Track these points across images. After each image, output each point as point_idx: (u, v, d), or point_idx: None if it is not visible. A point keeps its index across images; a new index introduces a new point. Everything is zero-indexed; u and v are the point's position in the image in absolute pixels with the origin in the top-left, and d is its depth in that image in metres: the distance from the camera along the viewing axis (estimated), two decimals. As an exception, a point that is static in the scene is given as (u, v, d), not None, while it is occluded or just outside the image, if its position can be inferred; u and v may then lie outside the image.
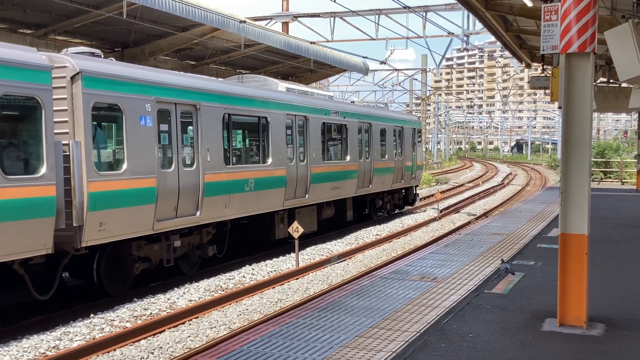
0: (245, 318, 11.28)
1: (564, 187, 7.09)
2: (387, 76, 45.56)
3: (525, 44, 24.93)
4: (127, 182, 11.51)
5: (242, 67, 27.96)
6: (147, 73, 12.46)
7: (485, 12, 18.12)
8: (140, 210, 11.79)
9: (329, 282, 14.13)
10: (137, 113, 11.74)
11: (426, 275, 10.08)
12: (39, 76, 9.78)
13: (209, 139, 13.63)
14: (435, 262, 11.16)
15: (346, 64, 29.83)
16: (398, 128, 25.22)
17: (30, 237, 9.64)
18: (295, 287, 13.52)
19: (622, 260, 11.30)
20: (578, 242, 7.01)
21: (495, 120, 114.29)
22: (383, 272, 10.39)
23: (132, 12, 17.88)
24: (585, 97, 6.97)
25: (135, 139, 11.66)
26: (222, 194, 14.12)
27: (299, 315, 7.73)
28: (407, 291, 8.98)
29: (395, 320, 7.46)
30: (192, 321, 11.02)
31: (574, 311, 7.04)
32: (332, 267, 15.74)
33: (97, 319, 10.79)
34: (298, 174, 17.52)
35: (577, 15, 6.88)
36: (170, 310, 11.70)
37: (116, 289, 12.14)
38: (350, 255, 17.23)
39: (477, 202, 32.23)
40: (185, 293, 12.75)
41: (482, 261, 11.25)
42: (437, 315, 7.63)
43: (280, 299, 12.54)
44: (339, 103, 22.94)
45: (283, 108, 16.91)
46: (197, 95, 13.41)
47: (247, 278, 14.32)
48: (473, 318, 7.52)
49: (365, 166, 21.89)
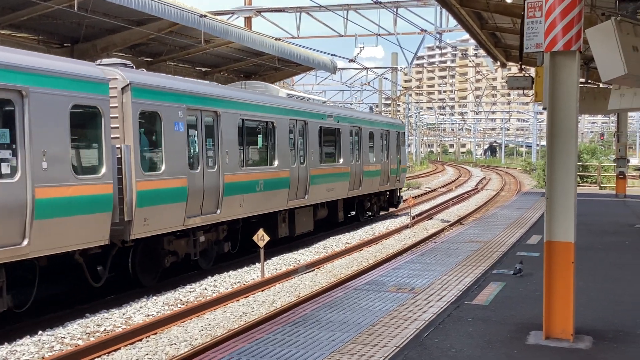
0: (208, 334, 11.15)
1: (549, 192, 7.13)
2: (356, 75, 45.67)
3: (500, 43, 25.18)
4: (165, 181, 13.48)
5: (202, 64, 27.75)
6: (180, 83, 14.77)
7: (460, 9, 18.24)
8: (174, 208, 13.77)
9: (297, 293, 14.05)
10: (173, 120, 13.78)
11: (403, 286, 10.08)
12: (99, 88, 11.77)
13: (227, 143, 15.69)
14: (412, 272, 11.17)
15: (313, 62, 29.80)
16: (384, 132, 27.24)
17: (92, 230, 11.60)
18: (261, 299, 13.42)
19: (604, 269, 11.46)
20: (564, 251, 7.05)
21: (468, 122, 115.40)
22: (357, 283, 10.37)
23: (84, 4, 17.60)
24: (571, 98, 7.03)
25: (170, 143, 13.68)
26: (238, 193, 16.13)
27: (268, 330, 7.64)
28: (384, 303, 8.95)
29: (373, 334, 7.42)
30: (149, 338, 10.84)
31: (561, 323, 7.08)
32: (300, 277, 15.67)
33: (46, 336, 10.57)
34: (299, 176, 19.45)
35: (562, 12, 6.94)
36: (125, 326, 11.50)
37: (148, 281, 13.89)
38: (318, 265, 17.16)
39: (450, 207, 32.46)
40: (142, 307, 12.56)
41: (461, 270, 11.29)
42: (416, 329, 7.61)
43: (245, 313, 12.43)
44: (333, 108, 25.28)
45: (287, 113, 18.91)
46: (218, 102, 15.46)
47: (210, 290, 14.16)
48: (454, 331, 7.52)
49: (356, 169, 23.87)
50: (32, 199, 10.36)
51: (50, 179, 10.74)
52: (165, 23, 20.69)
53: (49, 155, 10.72)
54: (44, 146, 10.64)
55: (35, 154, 10.45)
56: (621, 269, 11.51)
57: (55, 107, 10.94)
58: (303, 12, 28.78)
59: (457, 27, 27.93)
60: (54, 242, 10.95)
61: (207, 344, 10.15)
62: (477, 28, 21.09)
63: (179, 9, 20.12)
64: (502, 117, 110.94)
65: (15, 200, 10.17)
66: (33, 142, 10.45)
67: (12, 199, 10.11)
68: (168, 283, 14.56)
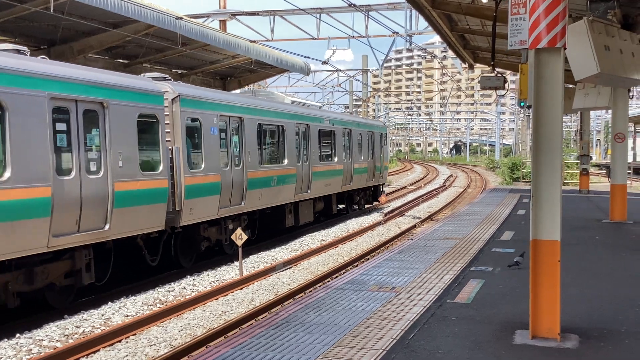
0: (188, 333, 10.72)
1: (534, 191, 6.78)
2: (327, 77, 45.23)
3: (469, 44, 24.99)
4: (204, 177, 15.27)
5: (178, 66, 27.17)
6: (213, 94, 16.82)
7: (432, 11, 17.97)
8: (210, 200, 15.54)
9: (275, 291, 13.67)
10: (209, 125, 15.58)
11: (384, 284, 9.69)
12: (157, 99, 13.68)
13: (249, 144, 17.53)
14: (392, 270, 10.79)
15: (287, 64, 29.38)
16: (370, 133, 29.17)
17: (153, 217, 13.46)
18: (240, 297, 13.01)
19: (579, 264, 11.16)
20: (550, 249, 6.72)
21: (435, 122, 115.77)
22: (338, 282, 9.95)
23: (60, 6, 17.01)
24: (556, 95, 6.70)
25: (208, 144, 15.49)
26: (257, 188, 17.91)
27: (252, 334, 7.19)
28: (366, 303, 8.55)
29: (358, 336, 7.02)
30: (129, 339, 10.41)
31: (547, 322, 6.74)
32: (277, 275, 15.30)
33: (24, 339, 10.07)
34: (303, 173, 21.27)
35: (546, 8, 6.60)
36: (105, 327, 11.05)
37: (186, 262, 15.57)
38: (295, 262, 16.83)
39: (421, 204, 32.25)
40: (120, 308, 12.08)
41: (439, 268, 10.95)
42: (401, 330, 7.21)
43: (224, 311, 12.01)
44: (328, 112, 28.07)
45: (293, 118, 20.80)
46: (242, 110, 17.35)
47: (188, 289, 13.72)
48: (440, 332, 7.14)
49: (348, 166, 25.76)
50: (112, 191, 12.20)
51: (124, 175, 12.59)
52: (142, 25, 20.12)
53: (123, 155, 12.56)
54: (120, 148, 12.47)
55: (114, 154, 12.29)
56: (595, 264, 11.25)
57: (127, 116, 12.78)
58: (277, 16, 28.27)
59: (426, 29, 27.71)
60: (127, 227, 12.79)
61: (187, 344, 9.69)
62: (447, 30, 20.85)
63: (155, 11, 19.57)
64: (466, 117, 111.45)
65: (101, 192, 11.99)
66: (112, 145, 12.27)
67: (98, 191, 11.93)
68: (147, 282, 14.06)
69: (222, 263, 16.42)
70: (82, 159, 11.59)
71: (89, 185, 11.67)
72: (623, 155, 17.02)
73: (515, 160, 43.39)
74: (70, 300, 12.11)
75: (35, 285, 11.10)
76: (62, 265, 11.65)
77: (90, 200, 11.65)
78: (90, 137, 11.98)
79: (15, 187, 10.15)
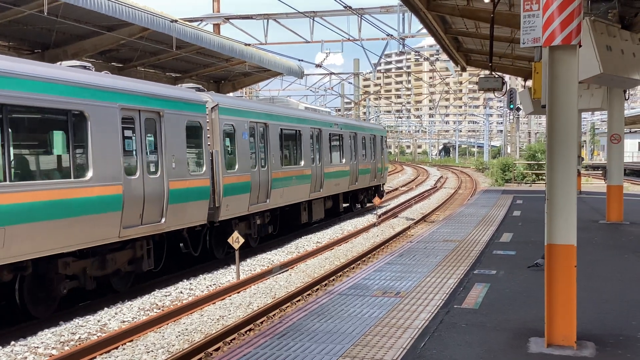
0: (186, 339, 10.31)
1: (549, 194, 6.40)
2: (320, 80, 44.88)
3: (462, 47, 24.71)
4: (238, 177, 16.64)
5: (173, 69, 26.72)
6: (245, 103, 18.77)
7: (427, 13, 17.64)
8: (242, 198, 16.93)
9: (272, 294, 13.28)
10: (241, 130, 16.92)
11: (388, 289, 9.29)
12: (200, 108, 15.12)
13: (273, 148, 18.91)
14: (394, 275, 10.39)
15: (281, 67, 28.99)
16: (372, 136, 30.41)
17: (198, 212, 14.84)
18: (238, 301, 12.61)
19: (586, 267, 10.76)
20: (566, 254, 6.35)
21: (424, 124, 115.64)
22: (341, 287, 9.53)
23: (54, 10, 16.56)
24: (572, 95, 6.33)
25: (240, 148, 16.88)
26: (279, 187, 19.22)
27: (256, 344, 6.77)
28: (372, 309, 8.15)
29: (367, 345, 6.61)
30: (126, 345, 9.99)
31: (563, 330, 6.36)
32: (274, 278, 14.90)
33: (18, 346, 9.63)
34: (317, 173, 22.58)
35: (560, 5, 6.23)
36: (101, 333, 10.61)
37: (219, 254, 16.68)
38: (292, 265, 16.43)
39: (413, 206, 31.92)
40: (117, 313, 11.65)
41: (442, 271, 10.56)
42: (411, 338, 6.81)
43: (222, 316, 11.61)
44: (337, 117, 29.55)
45: (308, 123, 22.14)
46: (267, 117, 18.76)
47: (185, 294, 13.29)
48: (451, 340, 6.74)
49: (354, 167, 26.99)
50: (168, 189, 13.55)
51: (177, 175, 13.92)
52: (136, 28, 19.69)
53: (175, 158, 13.94)
54: (173, 151, 13.84)
55: (168, 157, 13.63)
56: (600, 266, 10.89)
57: (178, 123, 14.14)
58: (270, 19, 27.83)
59: (419, 32, 27.40)
60: (178, 220, 14.15)
61: (185, 351, 9.28)
62: (441, 32, 20.54)
63: (149, 14, 19.15)
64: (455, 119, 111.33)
65: (158, 190, 13.29)
66: (167, 149, 13.61)
67: (157, 190, 13.25)
68: (144, 287, 13.63)
69: (218, 266, 16.01)
70: (144, 161, 12.98)
71: (150, 184, 13.11)
72: (619, 156, 16.73)
73: (506, 162, 43.10)
74: (129, 285, 13.47)
75: (106, 271, 12.52)
76: (127, 254, 13.09)
77: (150, 197, 13.11)
78: (149, 142, 13.39)
79: (96, 185, 11.62)
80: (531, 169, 39.42)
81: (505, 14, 16.31)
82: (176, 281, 14.23)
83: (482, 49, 23.75)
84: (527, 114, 25.58)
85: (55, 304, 11.46)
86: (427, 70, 76.88)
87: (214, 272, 15.38)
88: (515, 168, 40.28)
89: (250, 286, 14.01)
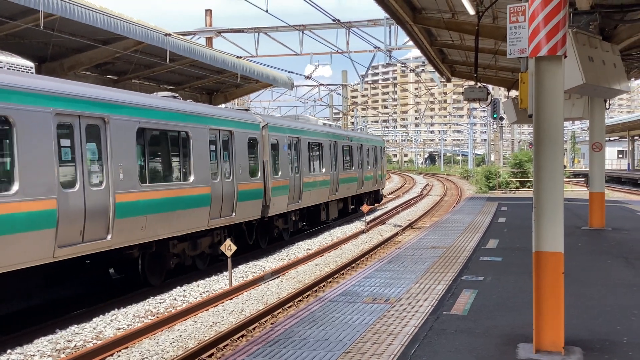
0: (180, 346, 10.12)
1: (536, 202, 6.30)
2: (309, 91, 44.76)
3: (447, 59, 24.70)
4: (280, 181, 19.80)
5: (167, 82, 26.55)
6: (285, 122, 22.21)
7: (413, 25, 17.59)
8: (283, 198, 20.01)
9: (264, 301, 13.14)
10: (282, 144, 20.27)
11: (378, 296, 9.15)
12: (257, 127, 18.59)
13: (303, 158, 22.11)
14: (383, 281, 10.25)
15: (272, 79, 28.89)
16: (373, 147, 33.71)
17: (255, 209, 18.07)
18: (231, 308, 12.45)
19: (571, 272, 10.59)
20: (554, 261, 6.23)
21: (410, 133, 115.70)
22: (332, 294, 9.38)
23: (50, 23, 16.37)
24: (558, 104, 6.24)
25: (282, 157, 20.12)
26: (308, 190, 22.37)
27: (248, 351, 6.62)
28: (362, 316, 8.01)
29: (358, 353, 6.47)
30: (121, 352, 9.81)
31: (551, 335, 6.25)
32: (266, 284, 14.75)
33: (15, 354, 9.44)
34: (334, 179, 25.67)
35: (545, 17, 6.14)
36: (96, 340, 10.44)
37: (263, 243, 19.70)
38: (283, 271, 16.30)
39: (401, 213, 31.85)
40: (112, 320, 11.45)
41: (431, 277, 10.44)
42: (401, 345, 6.68)
43: (215, 322, 11.46)
44: (347, 131, 34.93)
45: (327, 137, 25.39)
46: (300, 132, 22.16)
47: (179, 301, 13.12)
48: (441, 347, 6.61)
49: (360, 174, 29.99)
50: (237, 190, 16.88)
51: (242, 179, 17.21)
52: (131, 42, 19.54)
53: (241, 166, 17.17)
54: (239, 161, 17.13)
55: (237, 165, 16.97)
56: (584, 272, 10.79)
57: (242, 139, 17.49)
58: (261, 33, 27.72)
59: (405, 44, 27.37)
60: (243, 215, 17.39)
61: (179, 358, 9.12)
62: (427, 44, 20.50)
63: (144, 28, 19.01)
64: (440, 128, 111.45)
65: (230, 190, 16.59)
66: (236, 159, 16.97)
67: (229, 190, 16.50)
68: (138, 294, 13.44)
69: (211, 273, 15.85)
70: (222, 170, 16.31)
71: (225, 186, 16.38)
72: (601, 164, 16.68)
73: (491, 169, 43.07)
74: (207, 265, 16.30)
75: (196, 252, 15.52)
76: (209, 240, 16.10)
77: (226, 197, 16.34)
78: (225, 154, 16.63)
79: (197, 186, 14.96)
80: (515, 176, 39.41)
81: (489, 27, 16.28)
82: (170, 288, 14.05)
83: (467, 60, 23.75)
84: (510, 123, 25.60)
85: (163, 275, 14.45)
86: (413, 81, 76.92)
87: (206, 279, 15.22)
88: (499, 176, 40.27)
89: (242, 293, 13.86)
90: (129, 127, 12.70)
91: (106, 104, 12.12)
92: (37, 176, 10.28)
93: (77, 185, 11.23)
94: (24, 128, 10.10)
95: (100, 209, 11.74)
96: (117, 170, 12.21)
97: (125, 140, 12.52)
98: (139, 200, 12.78)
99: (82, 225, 11.28)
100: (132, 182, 12.65)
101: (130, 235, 12.56)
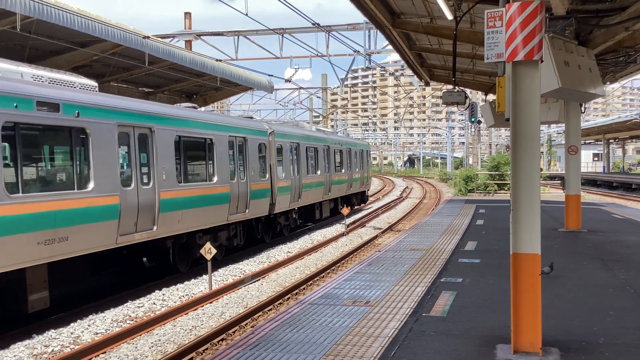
0: (159, 350, 10.06)
1: (514, 204, 6.37)
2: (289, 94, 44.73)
3: (425, 63, 24.79)
4: (284, 182, 22.02)
5: (145, 84, 26.40)
6: (287, 129, 24.29)
7: (392, 30, 17.64)
8: (287, 197, 22.17)
9: (244, 304, 13.10)
10: (286, 149, 22.56)
11: (358, 298, 9.17)
12: (265, 134, 20.73)
13: (302, 160, 24.33)
14: (364, 284, 10.28)
15: (252, 82, 28.84)
16: (360, 150, 35.64)
17: (263, 206, 20.19)
18: (210, 311, 12.40)
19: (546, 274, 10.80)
20: (531, 263, 6.30)
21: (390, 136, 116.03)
22: (312, 297, 9.38)
23: (27, 26, 16.22)
24: (534, 108, 6.32)
25: (285, 161, 22.43)
26: (307, 190, 24.63)
27: (228, 355, 6.59)
28: (342, 318, 8.02)
29: (339, 355, 6.47)
30: (99, 357, 9.75)
31: (529, 337, 6.31)
32: (246, 287, 14.72)
33: (-10, 361, 9.28)
34: (327, 180, 27.80)
35: (522, 22, 6.22)
36: (74, 345, 10.33)
37: (268, 239, 21.74)
38: (263, 274, 16.26)
39: (380, 215, 31.94)
40: (90, 325, 11.35)
41: (410, 279, 10.48)
42: (381, 347, 6.70)
43: (194, 326, 11.39)
44: (338, 136, 37.11)
45: (322, 142, 27.72)
46: (300, 138, 24.40)
47: (158, 305, 13.03)
48: (421, 348, 6.64)
49: (349, 176, 32.27)
50: (250, 190, 19.04)
51: (254, 180, 19.34)
52: (109, 44, 19.41)
53: (253, 168, 19.36)
54: (252, 164, 19.36)
55: (249, 168, 19.05)
56: (560, 273, 10.89)
57: (255, 145, 19.66)
58: (241, 36, 27.64)
59: (384, 48, 27.44)
60: (255, 212, 19.41)
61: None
62: (406, 49, 20.57)
63: (122, 30, 18.88)
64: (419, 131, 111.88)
65: (245, 190, 18.70)
66: (249, 162, 19.12)
67: (244, 190, 18.64)
68: (116, 298, 13.33)
69: (191, 277, 15.75)
70: (238, 171, 18.44)
71: (241, 186, 18.43)
72: (576, 167, 16.86)
73: (469, 173, 43.34)
74: (223, 255, 17.92)
75: (216, 243, 17.03)
76: (226, 233, 18.03)
77: (242, 195, 18.38)
78: (240, 158, 18.68)
79: (219, 186, 17.08)
80: (493, 179, 39.68)
81: (467, 32, 16.39)
82: (149, 292, 13.96)
83: (445, 64, 23.88)
84: (488, 126, 25.83)
85: (189, 264, 16.29)
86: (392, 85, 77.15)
87: (186, 282, 15.14)
88: (477, 178, 40.52)
89: (222, 296, 13.81)
90: (170, 136, 14.91)
91: (152, 116, 14.29)
92: (106, 176, 12.41)
93: (132, 184, 13.36)
94: (96, 137, 12.25)
95: (149, 204, 13.87)
96: (161, 172, 14.34)
97: (167, 147, 14.72)
98: (177, 198, 14.97)
99: (136, 217, 13.38)
100: (172, 182, 14.82)
101: (170, 227, 14.69)
